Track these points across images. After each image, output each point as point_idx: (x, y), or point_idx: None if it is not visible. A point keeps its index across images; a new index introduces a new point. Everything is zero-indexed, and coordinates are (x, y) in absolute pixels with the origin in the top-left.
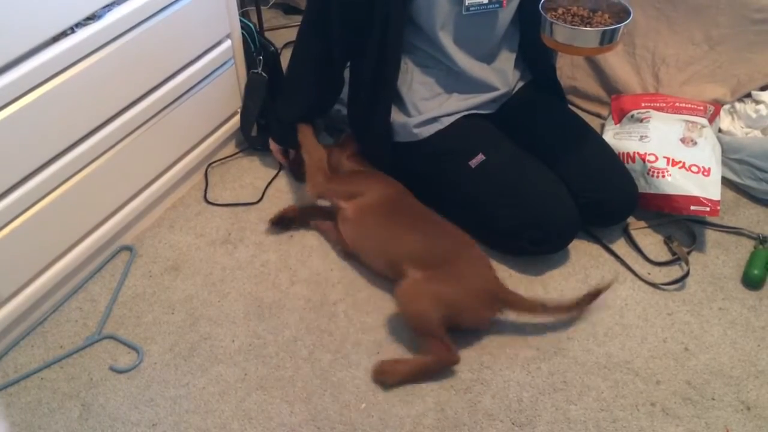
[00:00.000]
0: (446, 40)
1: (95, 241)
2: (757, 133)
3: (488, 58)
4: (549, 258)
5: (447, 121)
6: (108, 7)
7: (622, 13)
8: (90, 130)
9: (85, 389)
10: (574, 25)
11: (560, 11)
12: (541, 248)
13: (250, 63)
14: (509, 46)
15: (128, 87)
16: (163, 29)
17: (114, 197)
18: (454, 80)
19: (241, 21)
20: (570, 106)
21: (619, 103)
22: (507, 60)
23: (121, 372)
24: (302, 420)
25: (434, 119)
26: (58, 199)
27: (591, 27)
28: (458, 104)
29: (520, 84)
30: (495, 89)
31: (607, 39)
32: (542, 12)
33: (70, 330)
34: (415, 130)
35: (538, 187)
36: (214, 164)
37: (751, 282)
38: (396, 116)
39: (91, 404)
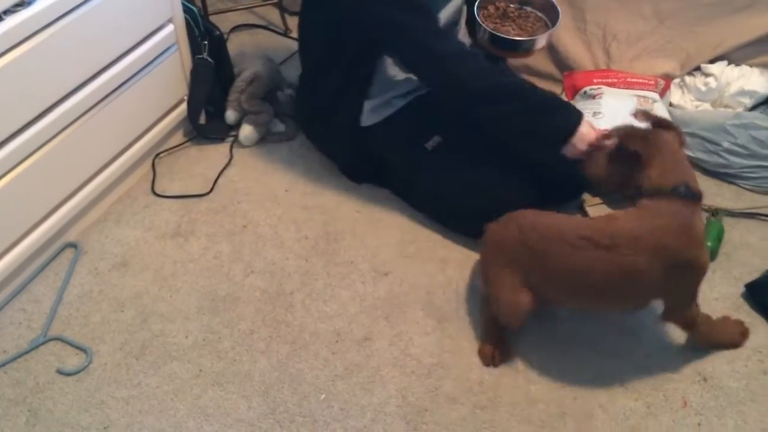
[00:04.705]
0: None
1: (37, 238)
2: (707, 106)
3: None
4: None
5: (400, 103)
6: None
7: (550, 11)
8: (26, 123)
9: (31, 394)
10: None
11: (491, 9)
12: None
13: (195, 48)
14: (461, 23)
15: (65, 76)
16: (99, 14)
17: (56, 192)
18: None
19: (183, 5)
20: None
21: (572, 80)
22: (464, 35)
23: (69, 374)
24: (260, 414)
25: (388, 102)
26: None
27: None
28: (413, 82)
29: None
30: None
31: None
32: (479, 18)
33: (14, 333)
34: (372, 113)
35: (494, 167)
36: (161, 155)
37: None
38: None
39: (38, 409)
